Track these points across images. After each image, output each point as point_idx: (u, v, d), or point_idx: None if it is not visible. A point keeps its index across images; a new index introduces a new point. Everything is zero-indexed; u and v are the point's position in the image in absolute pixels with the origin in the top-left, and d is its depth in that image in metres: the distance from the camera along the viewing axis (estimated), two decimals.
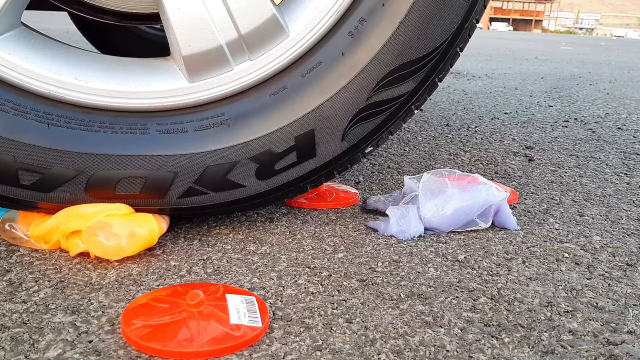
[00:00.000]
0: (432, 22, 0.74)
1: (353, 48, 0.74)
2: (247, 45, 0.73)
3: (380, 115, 0.77)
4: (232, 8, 0.71)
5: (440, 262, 0.74)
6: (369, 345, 0.55)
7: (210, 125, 0.73)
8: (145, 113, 0.73)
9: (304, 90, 0.75)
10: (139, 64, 0.74)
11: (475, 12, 0.76)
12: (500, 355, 0.55)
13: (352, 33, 0.74)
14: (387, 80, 0.75)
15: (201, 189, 0.74)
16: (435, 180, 0.85)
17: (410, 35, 0.74)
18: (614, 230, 0.88)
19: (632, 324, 0.61)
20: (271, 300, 0.62)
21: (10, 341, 0.53)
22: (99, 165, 0.71)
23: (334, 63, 0.74)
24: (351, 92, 0.75)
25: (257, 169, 0.75)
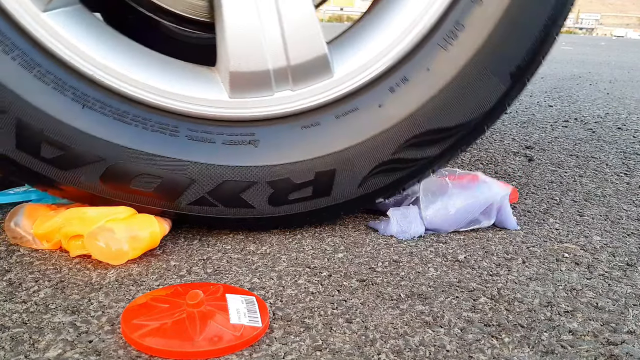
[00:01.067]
0: (470, 96, 0.76)
1: (390, 102, 0.76)
2: (292, 76, 0.74)
3: (400, 172, 0.79)
4: (287, 38, 0.72)
5: (440, 262, 0.74)
6: (369, 345, 0.55)
7: (238, 142, 0.74)
8: (179, 116, 0.73)
9: (335, 131, 0.76)
10: (183, 68, 0.75)
11: (509, 97, 0.79)
12: (500, 355, 0.55)
13: (392, 88, 0.76)
14: (416, 140, 0.77)
15: (212, 201, 0.74)
16: (435, 181, 0.85)
17: (447, 104, 0.76)
18: (614, 230, 0.88)
19: (632, 324, 0.61)
20: (271, 300, 0.62)
21: (10, 341, 0.53)
22: (121, 156, 0.71)
23: (369, 112, 0.76)
24: (379, 144, 0.76)
25: (271, 194, 0.75)
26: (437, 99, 0.75)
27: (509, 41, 0.75)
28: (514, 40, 0.75)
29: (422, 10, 0.75)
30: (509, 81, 0.76)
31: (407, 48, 0.75)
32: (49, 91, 0.68)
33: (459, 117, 0.77)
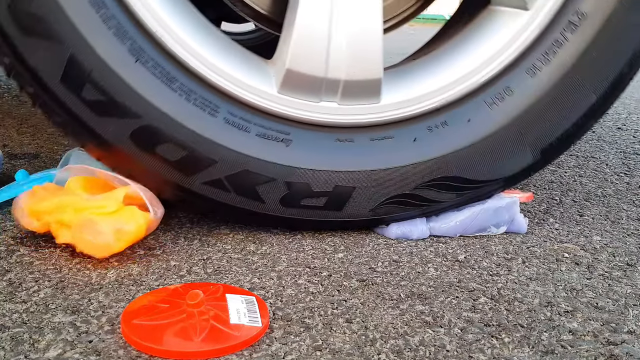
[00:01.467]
0: (499, 157, 0.78)
1: (425, 140, 0.77)
2: (343, 90, 0.74)
3: (413, 208, 0.79)
4: (350, 54, 0.73)
5: (440, 262, 0.74)
6: (369, 345, 0.55)
7: (272, 138, 0.74)
8: (223, 95, 0.73)
9: (367, 152, 0.77)
10: (241, 51, 0.76)
11: (533, 169, 0.82)
12: (500, 355, 0.55)
13: (431, 128, 0.77)
14: (439, 183, 0.78)
15: (227, 185, 0.74)
16: None
17: (476, 159, 0.78)
18: (614, 230, 0.88)
19: (632, 324, 0.61)
20: (271, 300, 0.62)
21: (10, 341, 0.53)
22: (157, 119, 0.70)
23: (403, 142, 0.77)
24: (404, 175, 0.77)
25: (286, 194, 0.75)
26: (467, 151, 0.78)
27: (549, 120, 0.79)
28: (554, 120, 0.79)
29: (475, 69, 0.77)
30: (538, 155, 0.80)
31: (455, 97, 0.77)
32: (110, 36, 0.68)
33: (484, 174, 0.79)
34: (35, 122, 1.41)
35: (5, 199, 0.82)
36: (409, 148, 0.77)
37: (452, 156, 0.78)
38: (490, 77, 0.77)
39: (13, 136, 1.26)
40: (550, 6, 0.75)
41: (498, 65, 0.77)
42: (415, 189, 0.78)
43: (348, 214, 0.78)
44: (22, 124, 1.38)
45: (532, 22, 0.76)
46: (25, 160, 1.09)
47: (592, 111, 0.80)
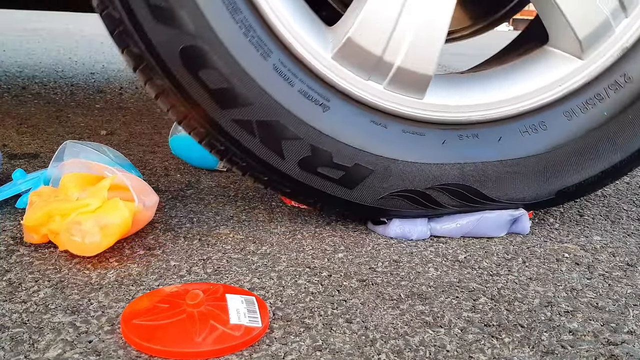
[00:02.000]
0: (517, 184, 0.81)
1: (454, 145, 0.80)
2: (393, 76, 0.75)
3: (419, 207, 0.80)
4: (412, 43, 0.73)
5: (441, 262, 0.74)
6: (369, 345, 0.55)
7: (311, 98, 0.74)
8: (280, 43, 0.72)
9: (394, 139, 0.78)
10: (305, 8, 0.76)
11: (546, 204, 0.84)
12: (501, 355, 0.55)
13: (461, 137, 0.80)
14: (454, 189, 0.79)
15: (255, 130, 0.74)
16: None
17: (495, 177, 0.80)
18: (614, 230, 0.88)
19: (633, 324, 0.61)
20: (271, 300, 0.62)
21: (10, 341, 0.53)
22: (206, 40, 0.69)
23: (432, 142, 0.79)
24: (423, 172, 0.78)
25: (306, 157, 0.75)
26: (492, 166, 0.80)
27: (573, 164, 0.81)
28: (577, 166, 0.82)
29: (517, 97, 0.79)
30: (554, 194, 0.83)
31: (491, 117, 0.80)
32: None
33: (499, 194, 0.81)
34: (35, 122, 1.41)
35: (2, 198, 0.82)
36: (437, 148, 0.78)
37: (474, 167, 0.79)
38: (529, 109, 0.80)
39: (13, 136, 1.26)
40: (603, 62, 0.79)
41: (539, 100, 0.79)
42: (429, 188, 0.78)
43: (357, 196, 0.78)
44: (22, 124, 1.38)
45: (582, 71, 0.79)
46: (25, 160, 1.09)
47: (614, 168, 0.83)
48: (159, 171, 1.07)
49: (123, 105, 1.71)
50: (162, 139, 1.32)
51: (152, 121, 1.51)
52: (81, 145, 0.86)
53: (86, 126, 1.40)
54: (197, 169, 1.10)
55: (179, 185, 1.00)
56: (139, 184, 0.74)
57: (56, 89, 1.92)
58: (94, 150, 0.86)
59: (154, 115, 1.59)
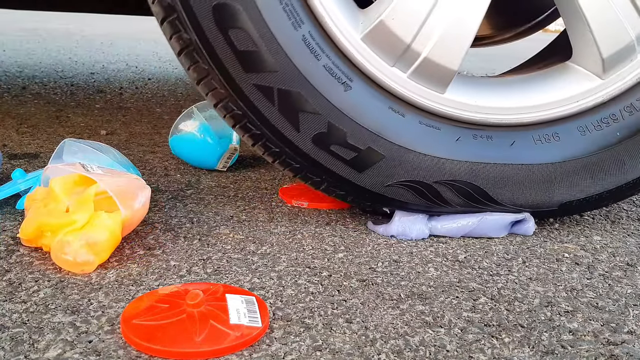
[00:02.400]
0: (523, 190, 0.82)
1: (467, 143, 0.80)
2: (418, 66, 0.75)
3: (424, 200, 0.80)
4: (441, 37, 0.74)
5: (441, 262, 0.74)
6: (369, 345, 0.55)
7: (335, 75, 0.74)
8: (312, 15, 0.73)
9: (410, 129, 0.78)
10: None
11: (548, 215, 0.85)
12: (501, 355, 0.55)
13: (475, 136, 0.80)
14: (460, 187, 0.80)
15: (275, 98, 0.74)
16: None
17: (503, 181, 0.81)
18: (614, 230, 0.88)
19: (633, 324, 0.61)
20: (271, 300, 0.62)
21: (10, 341, 0.53)
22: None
23: (447, 137, 0.79)
24: (433, 165, 0.78)
25: (321, 132, 0.75)
26: (501, 169, 0.80)
27: (580, 179, 0.82)
28: (584, 181, 0.82)
29: (534, 106, 0.80)
30: (556, 206, 0.83)
31: (506, 122, 0.80)
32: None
33: (504, 198, 0.81)
34: (35, 122, 1.41)
35: (2, 198, 0.82)
36: (450, 144, 0.79)
37: (483, 168, 0.79)
38: (545, 119, 0.81)
39: (13, 136, 1.26)
40: (622, 84, 0.80)
41: (555, 112, 0.80)
42: (437, 182, 0.78)
43: (364, 180, 0.78)
44: (22, 124, 1.38)
45: (600, 91, 0.80)
46: (25, 160, 1.09)
47: (619, 190, 0.84)
48: (159, 171, 1.07)
49: (123, 105, 1.71)
50: (162, 139, 1.32)
51: (152, 121, 1.51)
52: (80, 144, 0.86)
53: (86, 126, 1.40)
54: (197, 169, 1.10)
55: (179, 185, 1.00)
56: (124, 187, 0.72)
57: (56, 89, 1.92)
58: (93, 149, 0.86)
59: (154, 115, 1.59)
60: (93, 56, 2.92)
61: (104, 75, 2.29)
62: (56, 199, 0.71)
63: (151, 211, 0.87)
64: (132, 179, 0.74)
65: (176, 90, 2.02)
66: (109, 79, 2.19)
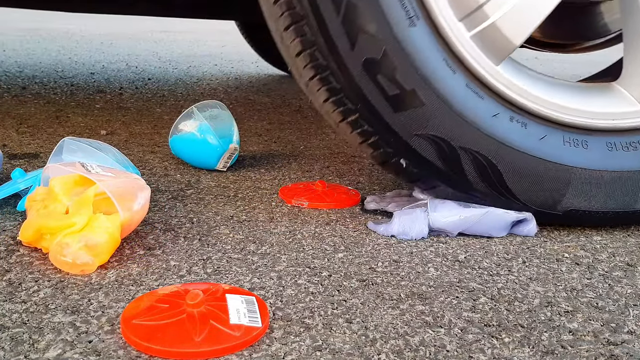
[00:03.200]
0: (539, 186, 0.82)
1: (500, 119, 0.81)
2: (480, 33, 0.77)
3: (438, 160, 0.80)
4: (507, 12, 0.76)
5: (441, 262, 0.74)
6: (369, 345, 0.55)
7: (409, 16, 0.76)
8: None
9: (447, 81, 0.78)
10: None
11: (555, 219, 0.86)
12: (501, 355, 0.55)
13: (512, 119, 0.80)
14: (481, 161, 0.80)
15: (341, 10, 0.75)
16: None
17: (522, 172, 0.81)
18: (614, 231, 0.88)
19: (633, 324, 0.61)
20: (271, 300, 0.62)
21: (10, 341, 0.53)
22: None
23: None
24: (458, 122, 0.79)
25: (372, 59, 0.75)
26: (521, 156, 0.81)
27: (599, 191, 0.83)
28: (601, 195, 0.84)
29: (573, 110, 0.81)
30: (564, 212, 0.84)
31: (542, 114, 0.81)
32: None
33: (519, 190, 0.82)
34: (35, 122, 1.41)
35: (2, 197, 0.82)
36: (488, 117, 0.79)
37: (508, 151, 0.79)
38: (577, 124, 0.82)
39: (13, 136, 1.26)
40: None
41: (588, 122, 0.82)
42: (462, 148, 0.78)
43: (397, 121, 0.77)
44: (22, 124, 1.38)
45: (637, 116, 0.83)
46: (25, 160, 1.09)
47: (625, 213, 0.86)
48: (159, 171, 1.07)
49: (123, 105, 1.71)
50: (162, 139, 1.32)
51: (152, 121, 1.51)
52: (79, 143, 0.86)
53: (86, 126, 1.40)
54: (197, 169, 1.10)
55: (179, 185, 1.00)
56: (124, 188, 0.72)
57: (56, 89, 1.92)
58: (92, 147, 0.86)
59: (154, 115, 1.59)
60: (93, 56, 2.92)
61: (104, 75, 2.29)
62: (56, 199, 0.71)
63: (151, 211, 0.87)
64: (132, 179, 0.74)
65: (176, 90, 2.02)
66: (109, 79, 2.19)
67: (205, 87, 2.12)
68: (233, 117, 1.10)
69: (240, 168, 1.12)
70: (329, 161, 1.20)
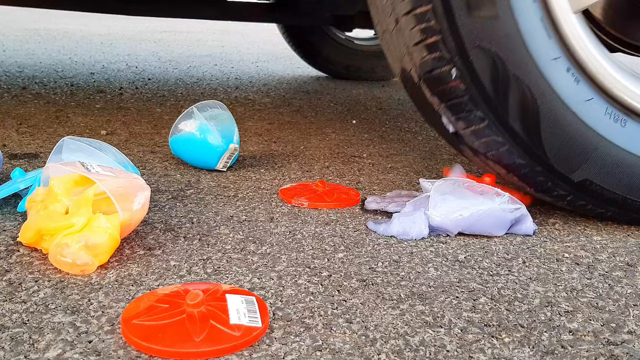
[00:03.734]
0: (577, 157, 0.82)
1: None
2: None
3: (486, 71, 0.80)
4: None
5: (441, 262, 0.74)
6: (369, 345, 0.55)
7: None
8: None
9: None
10: None
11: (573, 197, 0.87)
12: (501, 355, 0.55)
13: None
14: None
15: None
16: (450, 182, 0.84)
17: (568, 143, 0.81)
18: (614, 231, 0.88)
19: (633, 324, 0.61)
20: (271, 300, 0.62)
21: (10, 341, 0.53)
22: None
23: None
24: None
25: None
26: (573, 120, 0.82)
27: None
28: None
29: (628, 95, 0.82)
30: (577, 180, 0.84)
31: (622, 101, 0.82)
32: None
33: (560, 159, 0.83)
34: (35, 122, 1.41)
35: (1, 197, 0.82)
36: (546, 63, 0.79)
37: (553, 96, 0.79)
38: (624, 103, 0.82)
39: (13, 136, 1.26)
40: None
41: (631, 103, 0.82)
42: (514, 75, 0.78)
43: (467, 23, 0.77)
44: (22, 124, 1.38)
45: None
46: (25, 160, 1.09)
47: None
48: (159, 171, 1.07)
49: (123, 105, 1.71)
50: (162, 139, 1.32)
51: (152, 121, 1.51)
52: (79, 143, 0.86)
53: (86, 126, 1.40)
54: (197, 169, 1.10)
55: (179, 185, 1.00)
56: (124, 188, 0.72)
57: (56, 89, 1.92)
58: (92, 147, 0.86)
59: (154, 115, 1.59)
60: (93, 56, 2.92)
61: (104, 75, 2.29)
62: (56, 199, 0.71)
63: (151, 211, 0.87)
64: (131, 179, 0.74)
65: (176, 90, 2.02)
66: (109, 79, 2.19)
67: (205, 87, 2.12)
68: (233, 117, 1.10)
69: (240, 168, 1.12)
70: (329, 161, 1.20)
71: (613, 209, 0.87)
